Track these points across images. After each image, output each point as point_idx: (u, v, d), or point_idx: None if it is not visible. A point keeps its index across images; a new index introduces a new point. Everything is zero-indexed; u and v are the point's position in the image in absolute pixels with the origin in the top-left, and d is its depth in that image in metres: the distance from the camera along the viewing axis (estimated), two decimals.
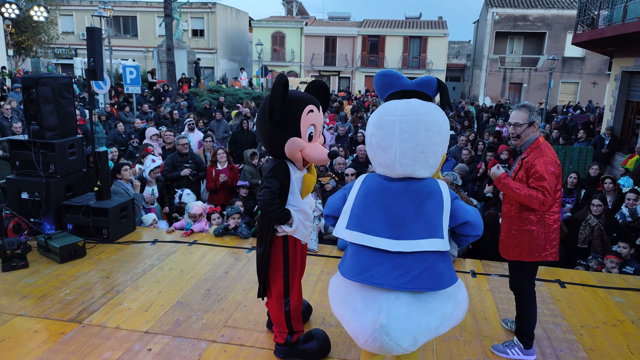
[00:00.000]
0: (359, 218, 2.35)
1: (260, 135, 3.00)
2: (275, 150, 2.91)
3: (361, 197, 2.40)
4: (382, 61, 34.41)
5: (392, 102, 2.43)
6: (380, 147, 2.36)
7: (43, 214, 4.93)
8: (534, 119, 3.10)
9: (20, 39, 23.98)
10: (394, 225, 2.28)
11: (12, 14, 4.77)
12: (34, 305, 3.69)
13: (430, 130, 2.32)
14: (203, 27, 35.03)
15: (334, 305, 2.45)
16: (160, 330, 3.42)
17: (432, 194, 2.31)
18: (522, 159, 3.10)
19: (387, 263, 2.25)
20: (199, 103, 17.27)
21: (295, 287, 3.06)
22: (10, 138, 5.22)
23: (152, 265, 4.52)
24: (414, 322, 2.18)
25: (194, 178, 6.79)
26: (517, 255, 3.11)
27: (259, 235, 3.04)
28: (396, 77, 2.53)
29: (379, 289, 2.26)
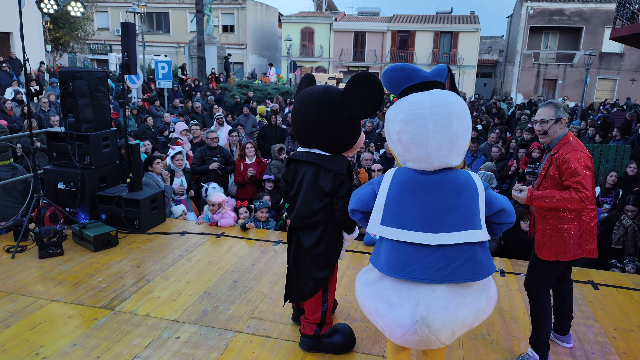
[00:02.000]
0: (394, 213, 2.34)
1: (325, 131, 2.94)
2: (343, 146, 2.98)
3: (394, 192, 2.38)
4: (411, 57, 34.01)
5: (414, 95, 2.39)
6: (414, 143, 2.32)
7: (78, 203, 5.09)
8: (560, 115, 3.00)
9: (57, 35, 24.75)
10: (432, 219, 2.27)
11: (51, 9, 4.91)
12: (69, 292, 3.83)
13: (460, 119, 2.33)
14: (233, 22, 35.38)
15: (366, 301, 2.44)
16: (188, 320, 3.49)
17: (467, 185, 2.30)
18: (552, 155, 3.01)
19: (428, 257, 2.24)
20: (228, 98, 17.49)
21: (334, 276, 3.08)
22: (47, 130, 5.40)
23: (181, 256, 4.62)
24: (452, 315, 2.18)
25: (222, 172, 6.89)
26: (553, 255, 3.00)
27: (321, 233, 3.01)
28: (413, 69, 2.47)
29: (412, 282, 2.26)
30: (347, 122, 2.94)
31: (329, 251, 3.04)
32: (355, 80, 2.88)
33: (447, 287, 2.24)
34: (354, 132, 3.02)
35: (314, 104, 2.97)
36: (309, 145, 3.06)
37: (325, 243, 3.01)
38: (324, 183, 2.92)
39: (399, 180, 2.40)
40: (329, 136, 2.96)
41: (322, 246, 3.01)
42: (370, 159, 7.24)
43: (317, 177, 2.95)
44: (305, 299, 3.10)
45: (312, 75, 3.43)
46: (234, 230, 5.37)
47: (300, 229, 3.08)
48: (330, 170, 2.92)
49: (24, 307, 3.57)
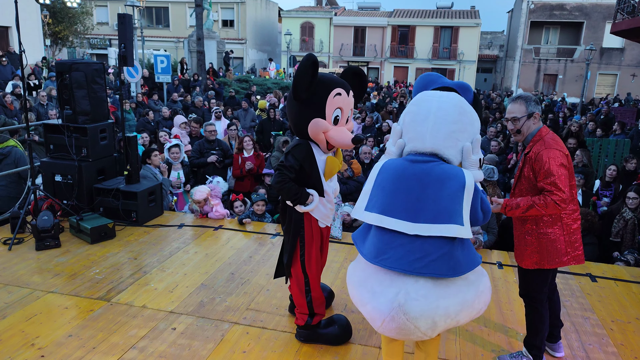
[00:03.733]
0: (378, 199, 2.34)
1: (288, 115, 3.01)
2: (300, 131, 2.91)
3: (382, 179, 2.39)
4: (411, 52, 33.94)
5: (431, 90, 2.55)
6: (414, 122, 2.40)
7: (75, 196, 5.07)
8: (532, 109, 2.80)
9: (57, 29, 24.67)
10: (413, 208, 2.25)
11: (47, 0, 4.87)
12: (65, 283, 3.82)
13: (464, 117, 2.38)
14: (233, 17, 35.25)
15: (352, 289, 2.45)
16: (185, 311, 3.49)
17: (453, 178, 2.27)
18: (525, 154, 2.82)
19: (404, 247, 2.23)
20: (227, 92, 17.44)
21: (313, 265, 3.03)
22: (44, 122, 5.38)
23: (178, 248, 4.61)
24: (433, 304, 2.15)
25: (220, 165, 6.86)
26: (536, 263, 2.78)
27: (281, 213, 3.09)
28: (437, 76, 2.69)
29: (396, 272, 2.24)
30: (294, 105, 2.89)
31: (287, 229, 3.04)
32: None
33: (430, 278, 2.22)
34: (299, 116, 2.88)
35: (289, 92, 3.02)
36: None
37: (287, 219, 3.03)
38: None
39: (388, 167, 2.41)
40: (288, 119, 3.03)
41: (285, 223, 3.06)
42: (368, 152, 7.21)
43: None
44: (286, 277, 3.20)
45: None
46: (232, 223, 5.35)
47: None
48: (288, 148, 2.96)
49: (20, 299, 3.56)
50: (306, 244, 2.98)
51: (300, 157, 2.85)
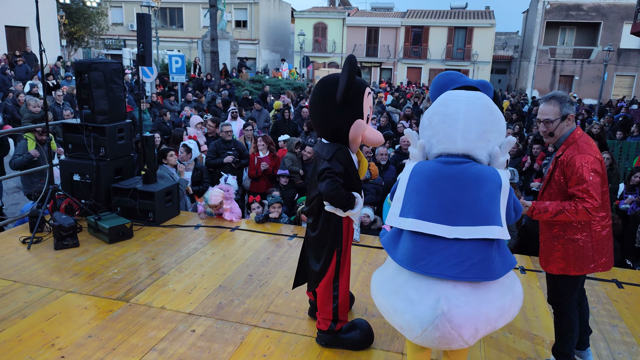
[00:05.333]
0: (413, 204, 2.27)
1: (318, 120, 2.91)
2: (336, 134, 2.86)
3: (414, 182, 2.32)
4: (425, 52, 33.74)
5: (455, 90, 2.47)
6: (444, 123, 2.33)
7: (93, 195, 5.08)
8: (567, 110, 2.66)
9: (72, 30, 24.94)
10: (450, 211, 2.19)
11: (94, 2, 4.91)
12: (84, 283, 3.81)
13: (493, 116, 2.34)
14: (246, 18, 35.37)
15: (381, 299, 2.37)
16: (204, 313, 3.45)
17: (490, 179, 2.22)
18: (557, 158, 2.70)
19: (443, 251, 2.16)
20: (240, 93, 17.47)
21: (345, 273, 3.01)
22: (63, 122, 5.40)
23: (195, 249, 4.58)
24: (475, 310, 2.09)
25: (236, 165, 6.84)
26: (561, 269, 2.70)
27: (314, 218, 2.98)
28: (459, 75, 2.60)
29: (432, 278, 2.17)
30: (333, 109, 2.84)
31: (324, 236, 2.95)
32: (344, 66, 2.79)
33: (468, 283, 2.16)
34: (340, 120, 2.83)
35: (315, 92, 2.97)
36: (319, 135, 3.04)
37: (320, 226, 2.96)
38: (319, 168, 2.88)
39: (420, 171, 2.34)
40: (321, 124, 2.94)
41: (317, 229, 2.98)
42: (385, 153, 7.14)
43: (316, 165, 2.98)
44: (312, 287, 3.10)
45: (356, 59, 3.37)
46: (248, 224, 5.32)
47: (307, 214, 3.13)
48: (320, 156, 2.88)
49: (40, 298, 3.55)
50: (342, 251, 2.94)
51: (344, 161, 2.82)
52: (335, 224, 2.90)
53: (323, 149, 2.86)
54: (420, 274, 2.20)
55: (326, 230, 2.91)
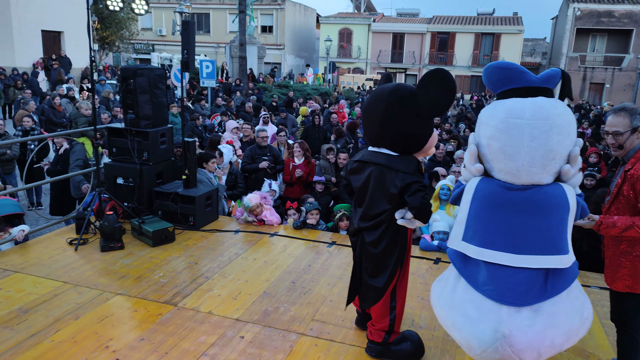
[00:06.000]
0: (476, 230, 2.22)
1: (393, 131, 2.84)
2: (411, 146, 2.86)
3: (477, 207, 2.25)
4: (451, 58, 33.48)
5: (514, 101, 2.23)
6: (504, 154, 2.18)
7: (136, 199, 5.16)
8: (637, 123, 2.59)
9: (104, 35, 25.55)
10: (516, 239, 2.13)
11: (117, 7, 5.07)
12: (132, 286, 3.87)
13: (562, 135, 2.15)
14: (272, 23, 35.71)
15: (441, 312, 2.34)
16: (251, 319, 3.46)
17: (559, 205, 2.14)
18: (626, 171, 2.63)
19: (509, 279, 2.11)
20: (267, 98, 17.60)
21: (404, 283, 2.99)
22: (108, 126, 5.51)
23: (236, 254, 4.61)
24: (540, 335, 2.04)
25: (271, 171, 6.88)
26: (628, 287, 2.63)
27: (380, 235, 2.88)
28: (519, 71, 2.30)
29: (497, 302, 2.14)
30: (417, 120, 2.84)
31: (391, 251, 2.91)
32: (428, 76, 2.79)
33: (531, 307, 2.11)
34: (424, 131, 2.89)
35: (383, 101, 2.90)
36: (378, 144, 2.98)
37: (385, 242, 2.90)
38: (390, 184, 2.82)
39: (482, 194, 2.27)
40: (397, 135, 2.87)
41: (382, 245, 2.91)
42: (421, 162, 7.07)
43: (384, 178, 2.85)
44: (370, 303, 3.02)
45: (390, 74, 3.34)
46: (286, 230, 5.33)
47: (365, 230, 3.00)
48: (397, 170, 2.82)
49: (91, 300, 3.62)
50: (405, 257, 2.92)
51: (422, 174, 2.85)
52: (403, 240, 2.89)
53: (394, 162, 2.80)
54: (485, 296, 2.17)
55: (392, 246, 2.87)
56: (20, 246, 4.61)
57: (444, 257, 4.69)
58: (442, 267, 4.50)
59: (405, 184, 2.75)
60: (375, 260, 2.91)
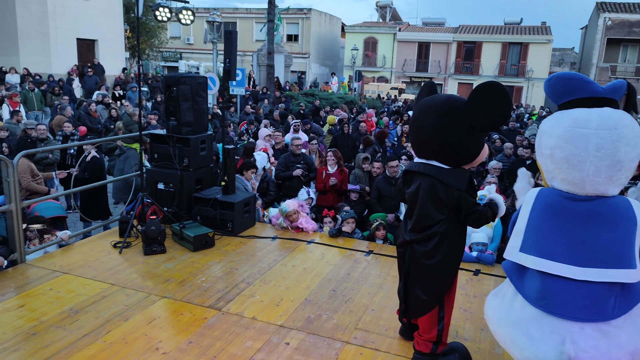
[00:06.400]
0: (535, 241, 2.19)
1: (445, 143, 2.84)
2: (465, 158, 2.88)
3: (536, 217, 2.23)
4: (477, 68, 33.21)
5: (580, 111, 2.20)
6: (568, 163, 2.15)
7: (176, 204, 5.26)
8: None
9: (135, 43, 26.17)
10: (579, 251, 2.09)
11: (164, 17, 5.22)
12: (176, 289, 3.93)
13: (629, 146, 2.11)
14: (297, 32, 36.05)
15: (500, 329, 2.31)
16: (294, 326, 3.49)
17: (624, 218, 2.09)
18: None
19: (571, 292, 2.07)
20: (294, 106, 17.74)
21: (452, 294, 2.97)
22: (151, 132, 5.65)
23: (275, 260, 4.65)
24: (605, 356, 1.99)
25: (305, 178, 6.93)
26: None
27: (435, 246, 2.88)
28: (584, 81, 2.26)
29: (556, 317, 2.10)
30: (469, 133, 2.84)
31: (445, 263, 2.92)
32: (481, 89, 2.78)
33: (595, 325, 2.06)
34: (476, 145, 2.90)
35: (434, 114, 2.90)
36: (427, 156, 2.98)
37: (441, 254, 2.90)
38: (442, 195, 2.82)
39: (543, 204, 2.24)
40: (448, 148, 2.86)
41: (437, 257, 2.91)
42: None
43: (435, 190, 2.85)
44: (420, 315, 3.01)
45: (433, 83, 3.35)
46: (322, 238, 5.35)
47: (415, 242, 2.99)
48: (449, 185, 2.81)
49: (138, 302, 3.70)
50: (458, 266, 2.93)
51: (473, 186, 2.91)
52: (457, 251, 2.91)
53: (446, 175, 2.81)
54: (544, 312, 2.14)
55: (447, 258, 2.88)
56: (66, 248, 4.74)
57: (483, 269, 4.64)
58: (482, 278, 4.46)
59: (458, 201, 2.79)
60: (428, 272, 2.91)
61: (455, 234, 2.94)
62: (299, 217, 5.43)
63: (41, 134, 7.45)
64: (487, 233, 5.18)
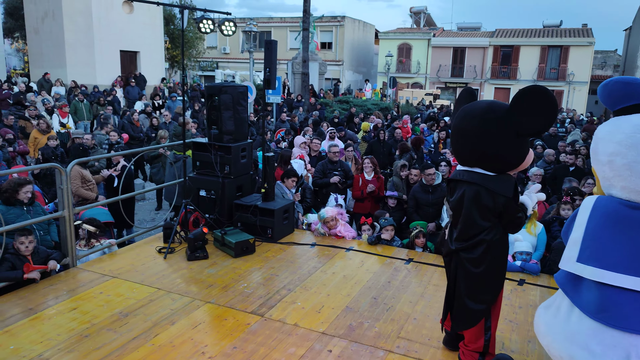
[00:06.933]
0: (594, 251, 2.12)
1: (489, 150, 2.80)
2: (509, 165, 2.83)
3: (594, 225, 2.16)
4: (515, 72, 32.47)
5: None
6: (630, 170, 2.09)
7: (217, 210, 5.37)
8: None
9: (174, 53, 27.00)
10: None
11: (208, 29, 5.39)
12: (219, 295, 4.01)
13: None
14: (331, 39, 36.26)
15: (554, 343, 2.23)
16: (336, 333, 3.49)
17: None
18: None
19: (633, 304, 2.00)
20: (329, 113, 17.83)
21: (499, 303, 2.92)
22: (193, 140, 5.80)
23: (315, 267, 4.68)
24: None
25: (342, 185, 6.94)
26: None
27: (481, 254, 2.84)
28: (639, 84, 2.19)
29: (618, 330, 2.03)
30: (513, 139, 2.79)
31: (492, 271, 2.87)
32: (525, 94, 2.73)
33: None
34: (520, 151, 2.84)
35: (476, 120, 2.86)
36: (469, 163, 2.94)
37: (488, 262, 2.85)
38: (487, 202, 2.79)
39: (601, 212, 2.17)
40: (492, 155, 2.82)
41: (484, 265, 2.86)
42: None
43: (479, 197, 2.81)
44: (469, 327, 2.95)
45: (472, 89, 3.31)
46: (361, 245, 5.34)
47: (461, 250, 2.95)
48: (495, 191, 2.77)
49: (183, 306, 3.79)
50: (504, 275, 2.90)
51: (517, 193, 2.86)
52: (503, 259, 2.87)
53: (491, 182, 2.77)
54: (604, 325, 2.07)
55: (494, 266, 2.84)
56: (113, 253, 4.92)
57: (528, 278, 4.52)
58: (527, 288, 4.34)
59: (504, 208, 2.76)
60: (475, 280, 2.86)
61: (502, 241, 2.89)
62: (338, 225, 5.45)
63: (89, 143, 7.77)
64: (531, 242, 5.05)
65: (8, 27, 27.54)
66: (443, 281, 4.34)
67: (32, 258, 4.08)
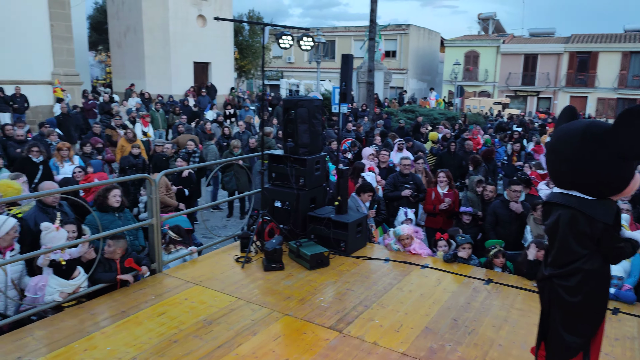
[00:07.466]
0: None
1: (591, 174, 2.62)
2: (610, 189, 2.64)
3: None
4: (592, 80, 30.62)
5: None
6: None
7: (292, 221, 5.45)
8: None
9: (243, 64, 27.95)
10: None
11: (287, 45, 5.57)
12: (297, 308, 4.05)
13: None
14: (395, 48, 36.03)
15: None
16: (417, 355, 3.41)
17: None
18: None
19: None
20: (394, 123, 17.67)
21: (599, 337, 2.72)
22: (269, 152, 5.93)
23: (391, 284, 4.61)
24: None
25: (414, 199, 6.83)
26: None
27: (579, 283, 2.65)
28: None
29: None
30: (616, 162, 2.58)
31: (590, 303, 2.67)
32: (630, 113, 2.53)
33: None
34: (624, 175, 2.62)
35: (574, 141, 2.68)
36: (566, 186, 2.77)
37: (585, 292, 2.66)
38: (584, 228, 2.60)
39: None
40: (591, 178, 2.63)
41: (581, 295, 2.67)
42: None
43: (576, 223, 2.63)
44: (564, 359, 2.78)
45: (573, 107, 3.13)
46: (436, 263, 5.21)
47: (555, 276, 2.78)
48: (593, 217, 2.58)
49: (263, 317, 3.87)
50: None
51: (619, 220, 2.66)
52: (604, 289, 2.67)
53: (590, 207, 2.59)
54: None
55: (592, 297, 2.64)
56: (194, 260, 5.12)
57: (622, 307, 4.20)
58: (623, 318, 4.03)
59: (603, 237, 2.57)
60: (571, 310, 2.69)
61: (602, 271, 2.69)
62: (412, 243, 5.35)
63: (169, 152, 8.18)
64: (624, 266, 4.70)
65: (92, 40, 29.74)
66: (527, 305, 4.17)
67: (123, 261, 4.34)
